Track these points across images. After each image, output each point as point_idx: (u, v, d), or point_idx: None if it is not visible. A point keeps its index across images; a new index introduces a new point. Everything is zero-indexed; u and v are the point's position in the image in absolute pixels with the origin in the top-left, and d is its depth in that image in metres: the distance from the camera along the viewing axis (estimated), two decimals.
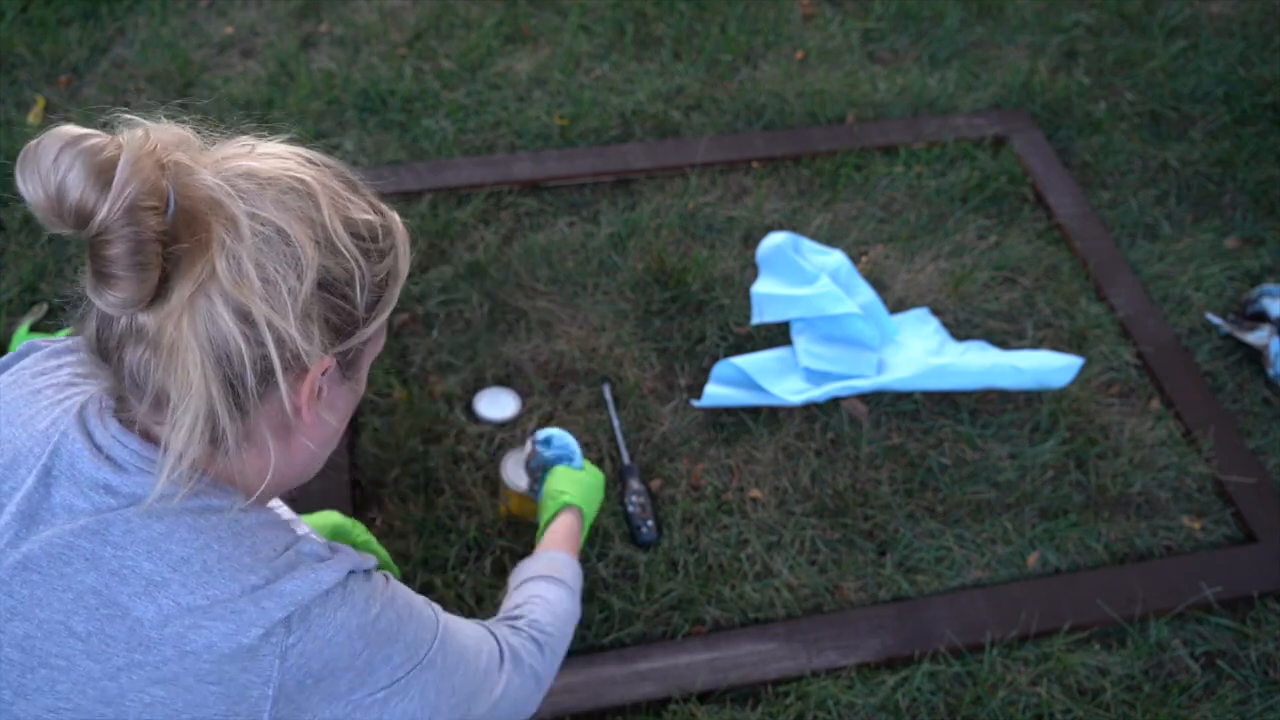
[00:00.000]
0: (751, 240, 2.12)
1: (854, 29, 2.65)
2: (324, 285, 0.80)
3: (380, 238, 0.86)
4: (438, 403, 1.82)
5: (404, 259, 0.90)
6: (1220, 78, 2.58)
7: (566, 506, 1.39)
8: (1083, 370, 1.94)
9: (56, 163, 0.68)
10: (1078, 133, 2.42)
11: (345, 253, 0.81)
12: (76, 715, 0.77)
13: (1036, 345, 1.99)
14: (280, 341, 0.78)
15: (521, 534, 1.66)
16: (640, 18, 2.64)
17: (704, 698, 1.50)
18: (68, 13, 2.53)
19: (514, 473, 1.64)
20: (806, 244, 2.04)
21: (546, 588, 1.21)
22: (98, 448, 0.80)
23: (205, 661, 0.77)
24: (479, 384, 1.85)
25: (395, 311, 1.94)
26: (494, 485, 1.70)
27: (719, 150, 2.28)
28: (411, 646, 0.89)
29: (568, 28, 2.59)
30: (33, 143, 0.69)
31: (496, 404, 1.82)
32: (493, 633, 1.06)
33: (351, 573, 0.85)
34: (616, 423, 1.80)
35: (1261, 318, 1.99)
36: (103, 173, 0.69)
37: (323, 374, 0.84)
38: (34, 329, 1.87)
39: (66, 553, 0.78)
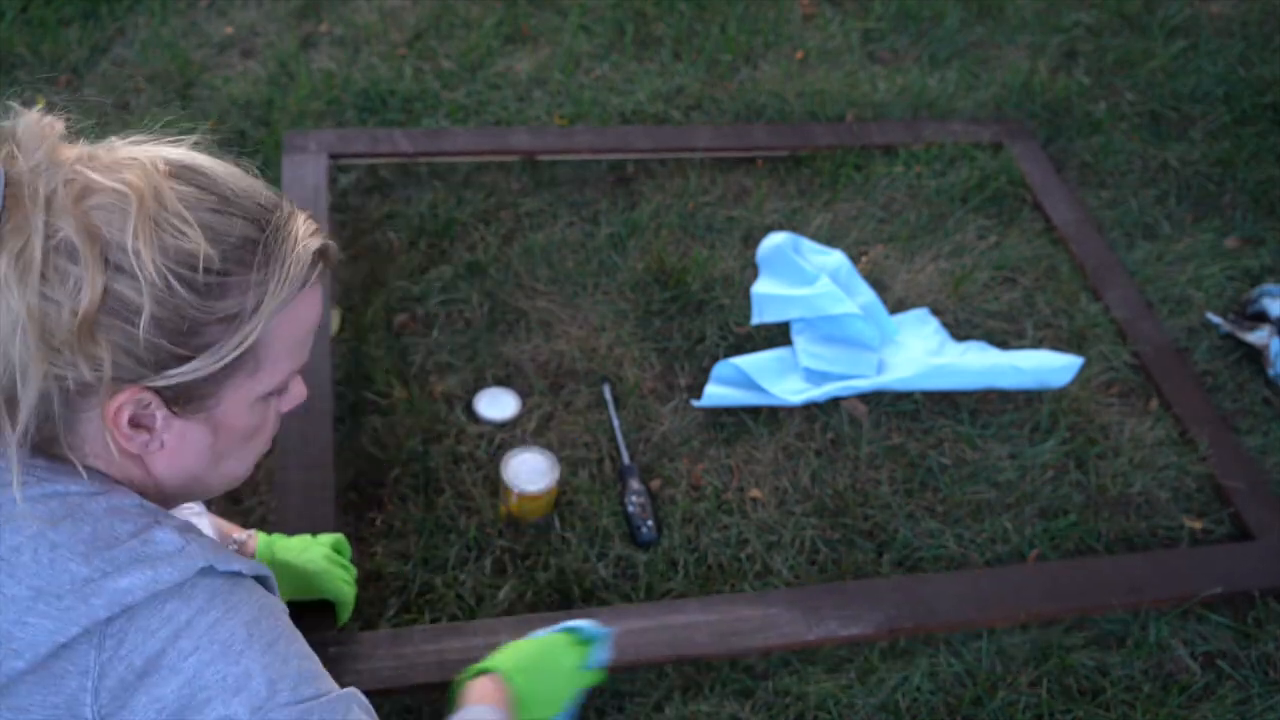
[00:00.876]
0: (751, 240, 2.12)
1: (854, 29, 2.65)
2: (116, 313, 0.74)
3: (225, 269, 0.78)
4: (438, 403, 1.82)
5: (277, 296, 0.80)
6: (1220, 78, 2.58)
7: (486, 673, 1.14)
8: (1082, 370, 1.94)
9: None
10: (1078, 133, 2.42)
11: (148, 279, 0.74)
12: None
13: (1036, 345, 1.99)
14: (55, 361, 0.74)
15: (521, 534, 1.66)
16: (640, 18, 2.64)
17: (699, 692, 1.50)
18: (68, 13, 2.54)
19: (514, 473, 1.64)
20: (806, 244, 2.04)
21: None
22: None
23: (22, 660, 0.73)
24: (479, 384, 1.85)
25: (395, 312, 1.94)
26: (494, 485, 1.71)
27: (719, 139, 2.28)
28: (258, 683, 0.76)
29: (568, 28, 2.59)
30: None
31: (496, 404, 1.82)
32: None
33: (205, 570, 0.79)
34: (616, 423, 1.80)
35: (1261, 318, 1.99)
36: None
37: (143, 406, 0.79)
38: None
39: None
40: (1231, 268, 2.15)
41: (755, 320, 1.93)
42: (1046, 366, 1.88)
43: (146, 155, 0.79)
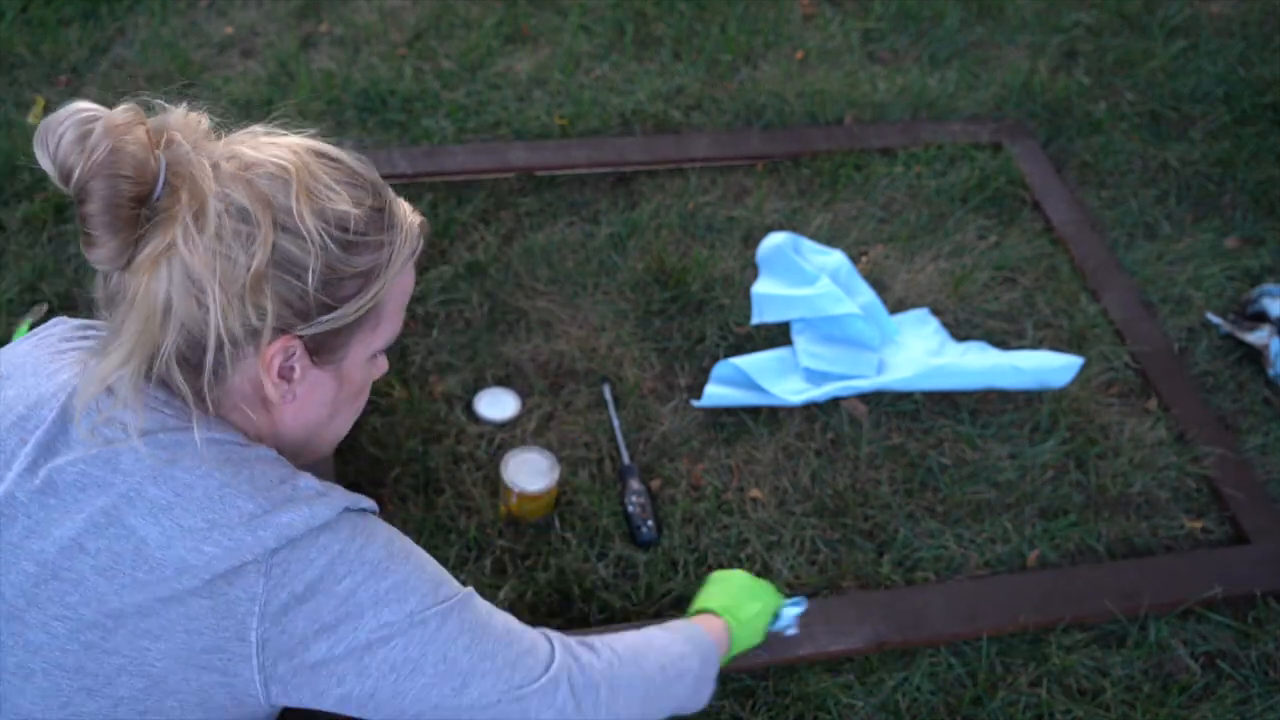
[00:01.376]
0: (751, 240, 2.12)
1: (854, 29, 2.65)
2: (281, 265, 0.85)
3: (367, 230, 0.90)
4: (438, 403, 1.82)
5: (399, 258, 0.93)
6: (1220, 78, 2.58)
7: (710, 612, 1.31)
8: (1082, 370, 1.94)
9: (58, 128, 0.79)
10: (1078, 133, 2.42)
11: (310, 237, 0.85)
12: (79, 625, 0.83)
13: (1036, 345, 1.99)
14: (227, 310, 0.84)
15: (521, 534, 1.66)
16: (640, 18, 2.64)
17: None
18: (68, 13, 2.54)
19: (514, 473, 1.64)
20: (806, 244, 2.04)
21: (661, 634, 1.15)
22: (110, 390, 0.87)
23: (200, 578, 0.82)
24: (479, 384, 1.85)
25: None
26: (494, 485, 1.71)
27: (718, 147, 2.28)
28: (403, 593, 0.89)
29: (568, 28, 2.59)
30: (49, 115, 0.80)
31: (496, 404, 1.82)
32: (550, 640, 1.03)
33: (346, 509, 0.89)
34: (616, 423, 1.80)
35: (1261, 318, 1.99)
36: (85, 136, 0.79)
37: (289, 355, 0.90)
38: (34, 328, 1.87)
39: (80, 479, 0.85)
40: (1231, 268, 2.15)
41: (755, 320, 1.93)
42: (1046, 366, 1.88)
43: (285, 140, 0.90)
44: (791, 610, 1.43)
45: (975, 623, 1.57)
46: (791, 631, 1.45)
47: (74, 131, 0.79)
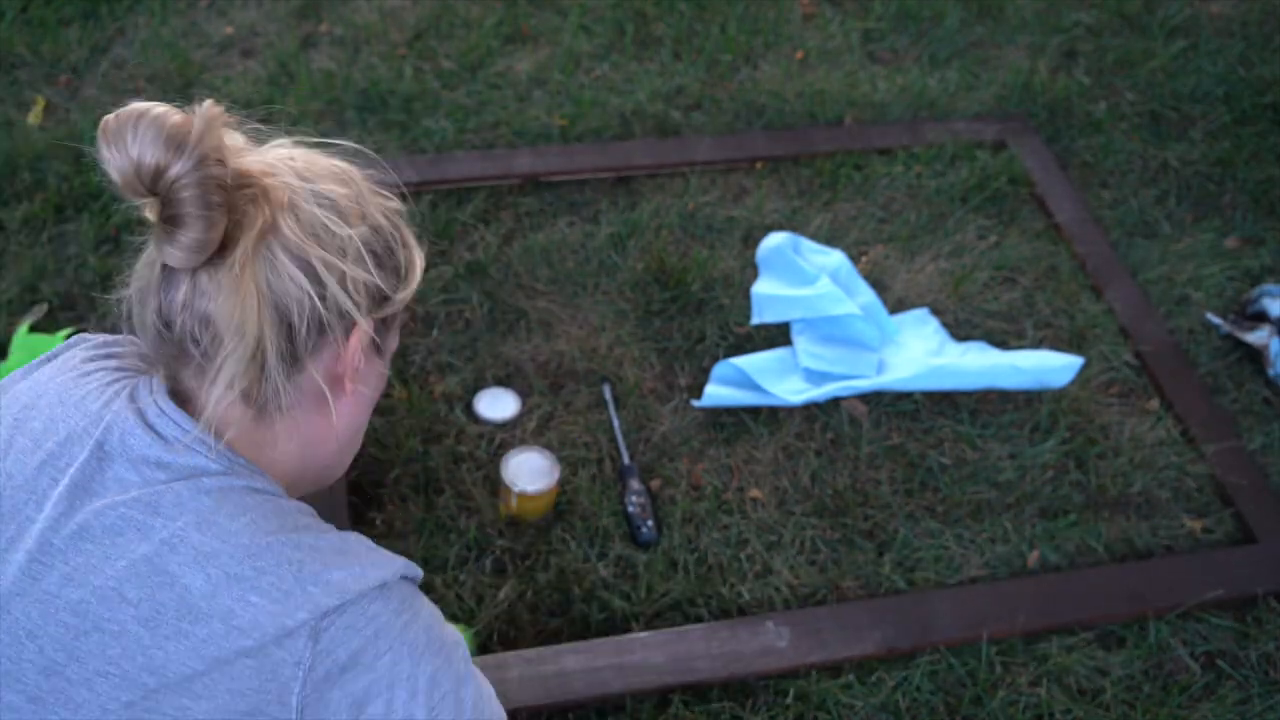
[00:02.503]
0: (751, 240, 2.12)
1: (854, 29, 2.65)
2: (369, 249, 0.88)
3: (404, 224, 0.95)
4: (438, 403, 1.82)
5: (417, 246, 0.98)
6: (1220, 78, 2.58)
7: None
8: (1082, 370, 1.94)
9: (134, 132, 0.77)
10: (1078, 133, 2.42)
11: (382, 227, 0.90)
12: (123, 680, 0.79)
13: (1036, 345, 1.99)
14: (341, 288, 0.85)
15: (521, 534, 1.66)
16: (640, 18, 2.64)
17: (701, 694, 1.50)
18: (68, 13, 2.54)
19: (514, 473, 1.64)
20: (806, 244, 2.04)
21: None
22: (149, 426, 0.85)
23: (249, 638, 0.79)
24: (479, 384, 1.85)
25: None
26: (494, 485, 1.70)
27: (720, 150, 2.28)
28: (430, 686, 0.87)
29: (568, 28, 2.59)
30: (109, 118, 0.78)
31: (496, 404, 1.82)
32: None
33: (403, 577, 0.88)
34: (616, 423, 1.80)
35: (1261, 318, 1.99)
36: (173, 137, 0.77)
37: (365, 340, 0.90)
38: (34, 329, 1.87)
39: (119, 524, 0.81)
40: (1231, 268, 2.15)
41: (755, 320, 1.92)
42: (1046, 366, 1.88)
43: (294, 148, 0.92)
44: None
45: (979, 628, 1.58)
46: None
47: (157, 132, 0.77)
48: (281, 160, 0.87)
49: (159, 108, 0.78)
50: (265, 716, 0.80)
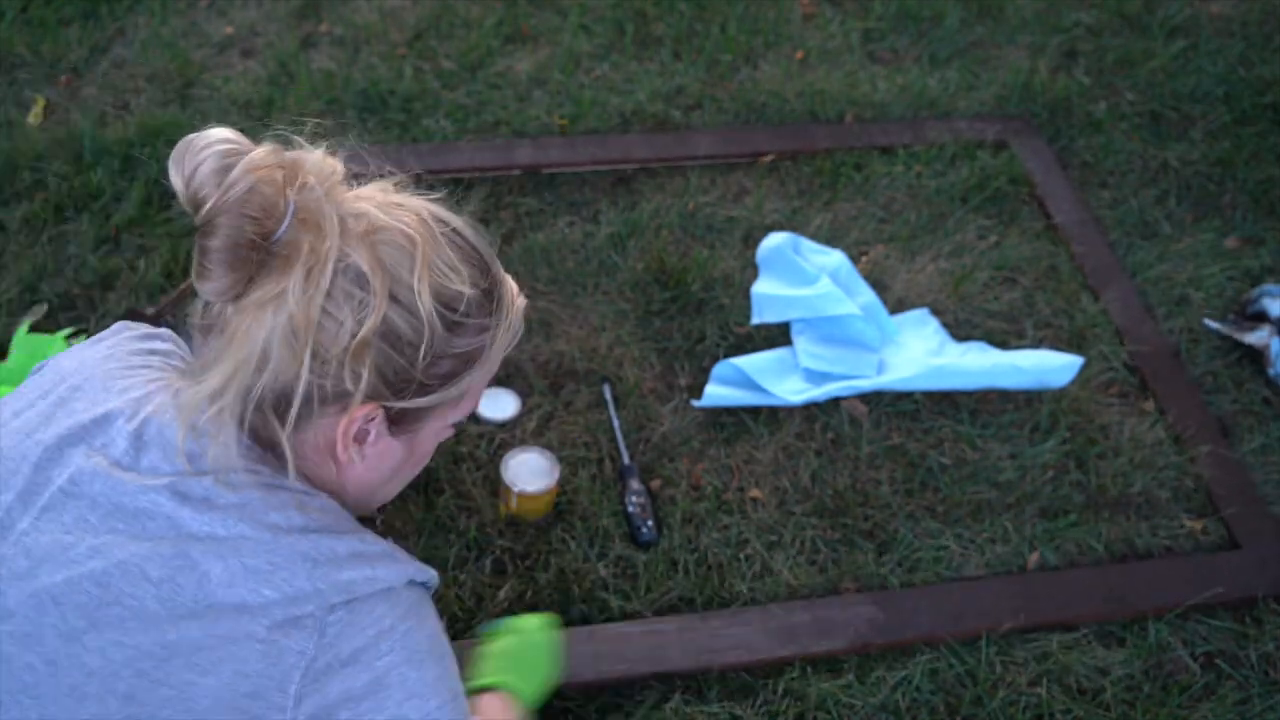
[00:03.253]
0: (751, 240, 2.12)
1: (854, 29, 2.65)
2: (386, 338, 0.84)
3: (473, 313, 0.88)
4: None
5: (498, 344, 0.92)
6: (1220, 78, 2.58)
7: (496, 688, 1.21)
8: (1082, 370, 1.94)
9: (198, 154, 0.78)
10: (1078, 133, 2.42)
11: (419, 314, 0.84)
12: (135, 653, 0.82)
13: (1036, 345, 1.99)
14: (323, 371, 0.83)
15: (521, 534, 1.66)
16: (640, 18, 2.64)
17: (700, 693, 1.50)
18: (68, 13, 2.53)
19: (514, 473, 1.64)
20: (806, 244, 2.04)
21: None
22: (188, 422, 0.87)
23: (259, 623, 0.82)
24: None
25: None
26: (494, 485, 1.70)
27: (721, 144, 2.28)
28: (427, 693, 0.87)
29: (568, 28, 2.59)
30: (192, 135, 0.79)
31: (496, 404, 1.82)
32: None
33: (411, 581, 0.89)
34: (616, 423, 1.80)
35: (1261, 318, 1.99)
36: (224, 171, 0.77)
37: (369, 420, 0.88)
38: (34, 329, 1.87)
39: (150, 508, 0.85)
40: (1231, 268, 2.15)
41: (755, 320, 1.92)
42: (1046, 366, 1.88)
43: (414, 204, 0.90)
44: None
45: (979, 627, 1.58)
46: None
47: (213, 163, 0.77)
48: (345, 217, 0.83)
49: (229, 142, 0.78)
50: (265, 701, 0.82)
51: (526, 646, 1.26)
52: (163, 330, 1.00)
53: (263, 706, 0.82)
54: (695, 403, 1.83)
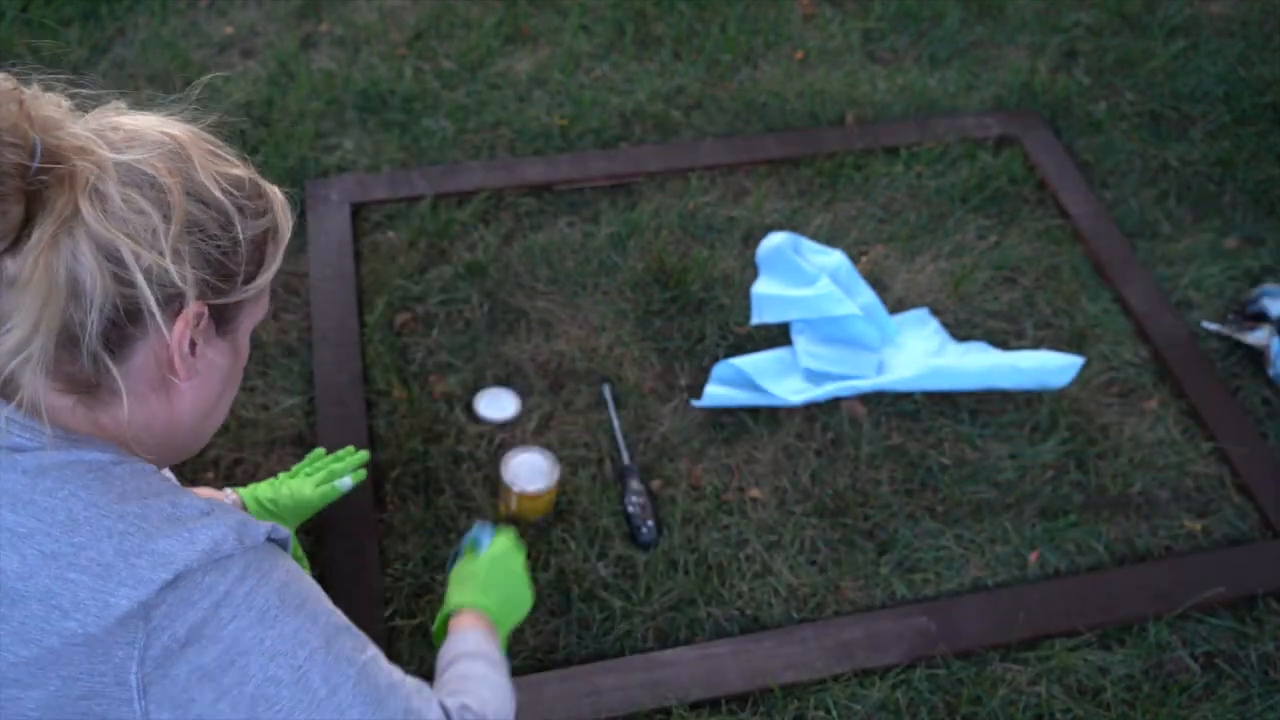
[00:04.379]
0: (751, 240, 2.12)
1: (854, 29, 2.65)
2: (193, 229, 0.82)
3: (253, 194, 0.87)
4: (438, 403, 1.82)
5: (283, 221, 0.91)
6: (1220, 78, 2.58)
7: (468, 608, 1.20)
8: (1083, 370, 1.94)
9: None
10: (1078, 133, 2.42)
11: (215, 202, 0.83)
12: None
13: (1036, 345, 1.99)
14: (148, 276, 0.79)
15: (521, 534, 1.66)
16: (640, 18, 2.64)
17: (696, 704, 1.50)
18: (68, 13, 2.54)
19: (514, 473, 1.64)
20: (806, 244, 2.04)
21: (483, 668, 1.09)
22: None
23: (72, 619, 0.75)
24: (479, 384, 1.85)
25: (395, 311, 1.95)
26: (494, 485, 1.71)
27: (729, 152, 2.27)
28: (291, 645, 0.82)
29: (568, 28, 2.59)
30: None
31: (496, 404, 1.82)
32: (440, 702, 0.97)
33: (239, 539, 0.82)
34: (616, 423, 1.80)
35: (1261, 318, 1.99)
36: None
37: (197, 324, 0.84)
38: None
39: None
40: (1231, 268, 2.15)
41: (755, 320, 1.93)
42: (1046, 367, 1.88)
43: (146, 116, 0.88)
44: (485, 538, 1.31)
45: (982, 639, 1.58)
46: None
47: None
48: (101, 132, 0.81)
49: None
50: (105, 699, 0.77)
51: (497, 569, 1.24)
52: None
53: (105, 703, 0.77)
54: (695, 403, 1.83)
